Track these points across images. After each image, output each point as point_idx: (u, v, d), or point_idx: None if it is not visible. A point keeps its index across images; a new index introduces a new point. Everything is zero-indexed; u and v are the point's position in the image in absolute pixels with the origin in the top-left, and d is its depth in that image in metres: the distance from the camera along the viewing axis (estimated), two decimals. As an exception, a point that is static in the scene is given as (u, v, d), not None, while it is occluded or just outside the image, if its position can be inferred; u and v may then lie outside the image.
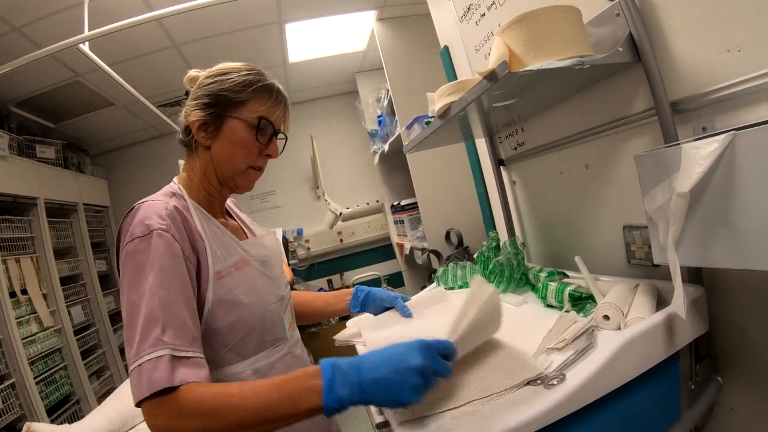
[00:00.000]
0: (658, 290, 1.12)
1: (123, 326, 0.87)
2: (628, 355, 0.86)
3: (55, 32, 2.31)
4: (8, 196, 3.09)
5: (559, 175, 1.57)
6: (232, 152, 1.06)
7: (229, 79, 1.05)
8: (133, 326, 0.84)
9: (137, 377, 0.80)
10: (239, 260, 1.05)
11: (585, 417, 0.82)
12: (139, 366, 0.80)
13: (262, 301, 1.06)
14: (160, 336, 0.82)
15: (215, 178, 1.09)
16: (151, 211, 0.93)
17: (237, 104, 1.05)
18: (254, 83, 1.06)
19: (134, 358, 0.81)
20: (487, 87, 1.03)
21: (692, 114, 1.05)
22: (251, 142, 1.06)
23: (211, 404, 0.78)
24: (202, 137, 1.06)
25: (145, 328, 0.83)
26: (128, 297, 0.87)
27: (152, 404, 0.78)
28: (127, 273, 0.89)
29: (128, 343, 0.84)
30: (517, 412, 0.77)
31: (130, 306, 0.86)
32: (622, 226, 1.32)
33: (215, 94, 1.04)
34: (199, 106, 1.05)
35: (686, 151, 0.86)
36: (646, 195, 0.97)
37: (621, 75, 1.21)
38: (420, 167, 3.05)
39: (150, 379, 0.78)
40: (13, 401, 2.74)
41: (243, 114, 1.05)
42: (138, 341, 0.82)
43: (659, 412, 0.99)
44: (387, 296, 1.43)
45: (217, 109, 1.04)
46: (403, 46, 3.22)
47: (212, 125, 1.05)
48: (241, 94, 1.05)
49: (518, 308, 1.38)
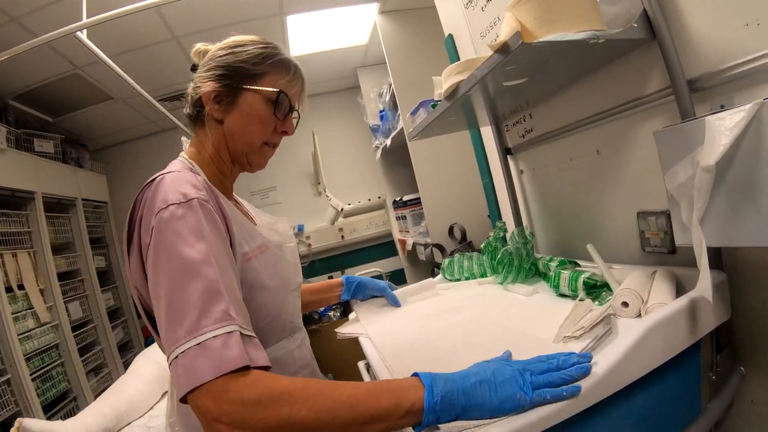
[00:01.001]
0: (676, 277, 1.07)
1: (157, 301, 0.75)
2: (652, 343, 0.81)
3: (54, 23, 2.26)
4: (6, 190, 3.05)
5: (569, 162, 1.52)
6: (247, 126, 1.01)
7: (246, 51, 1.01)
8: (183, 299, 0.72)
9: (196, 356, 0.67)
10: (261, 244, 1.01)
11: (606, 409, 0.77)
12: (199, 344, 0.68)
13: (286, 286, 1.04)
14: (226, 310, 0.72)
15: (227, 154, 1.04)
16: (182, 180, 0.86)
17: (254, 77, 1.00)
18: (272, 56, 1.02)
19: (191, 334, 0.69)
20: (499, 61, 0.98)
21: (710, 92, 1.01)
22: (268, 116, 1.02)
23: (296, 389, 0.67)
24: (215, 109, 1.00)
25: (205, 301, 0.72)
26: (170, 265, 0.75)
27: (216, 389, 0.65)
28: (166, 239, 0.77)
29: (177, 319, 0.71)
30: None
31: (175, 276, 0.74)
32: (636, 212, 1.27)
33: (231, 65, 1.00)
34: (212, 77, 0.99)
35: (710, 123, 0.82)
36: (667, 172, 0.92)
37: (634, 54, 1.16)
38: (423, 161, 3.00)
39: (221, 357, 0.67)
40: (9, 398, 2.70)
41: (260, 86, 1.00)
42: (197, 315, 0.70)
43: (680, 404, 0.94)
44: (376, 285, 1.47)
45: (233, 80, 0.99)
46: (406, 39, 3.18)
47: (227, 97, 1.00)
48: (259, 67, 1.00)
49: (529, 298, 1.33)
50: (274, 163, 3.39)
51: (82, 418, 1.87)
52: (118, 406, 1.97)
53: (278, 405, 0.65)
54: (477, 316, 1.21)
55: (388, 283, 1.52)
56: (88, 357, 3.58)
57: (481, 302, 1.38)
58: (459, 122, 1.74)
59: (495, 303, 1.35)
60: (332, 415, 0.65)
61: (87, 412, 1.94)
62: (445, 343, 1.06)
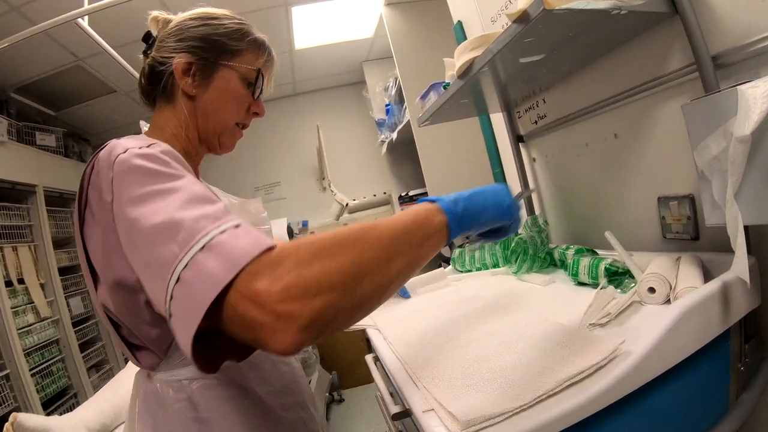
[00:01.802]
0: (702, 262, 1.01)
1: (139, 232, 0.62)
2: (685, 329, 0.76)
3: (55, 13, 2.23)
4: (6, 183, 3.00)
5: (584, 147, 1.47)
6: (223, 104, 0.95)
7: (223, 24, 0.95)
8: (164, 223, 0.59)
9: (214, 254, 0.54)
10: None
11: (635, 402, 0.72)
12: (210, 242, 0.55)
13: None
14: (225, 210, 0.62)
15: (195, 133, 0.96)
16: (143, 138, 0.80)
17: (233, 53, 0.95)
18: (250, 34, 0.98)
19: (200, 234, 0.56)
20: (518, 32, 0.93)
21: (735, 68, 0.96)
22: (244, 95, 0.97)
23: (335, 236, 0.58)
24: (189, 84, 0.92)
25: (200, 207, 0.61)
26: (140, 202, 0.64)
27: (262, 265, 0.52)
28: (129, 179, 0.67)
29: (174, 227, 0.58)
30: (574, 392, 0.67)
31: (147, 208, 0.62)
32: (657, 197, 1.22)
33: (207, 37, 0.93)
34: (187, 48, 0.92)
35: (743, 92, 0.77)
36: (697, 147, 0.86)
37: (654, 31, 1.12)
38: (429, 154, 2.95)
39: (247, 242, 0.54)
40: (7, 393, 2.66)
41: (238, 64, 0.95)
42: (195, 217, 0.59)
43: (708, 396, 0.88)
44: None
45: (210, 54, 0.93)
46: (413, 31, 3.13)
47: (201, 72, 0.93)
48: (238, 43, 0.95)
49: (546, 288, 1.27)
50: (278, 158, 3.39)
51: (79, 414, 1.82)
52: (116, 402, 1.92)
53: (338, 252, 0.56)
54: (493, 305, 1.15)
55: None
56: (89, 353, 3.53)
57: (496, 292, 1.33)
58: (470, 107, 1.69)
59: (511, 292, 1.29)
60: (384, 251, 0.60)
61: (84, 407, 1.89)
62: (461, 333, 1.00)
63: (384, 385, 1.07)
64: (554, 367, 0.71)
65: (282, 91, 4.70)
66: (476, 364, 0.81)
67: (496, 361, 0.80)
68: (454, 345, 0.93)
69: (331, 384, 3.81)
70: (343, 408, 3.76)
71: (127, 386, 2.04)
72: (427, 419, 0.70)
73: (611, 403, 0.67)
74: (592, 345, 0.75)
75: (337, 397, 3.87)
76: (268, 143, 4.68)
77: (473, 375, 0.77)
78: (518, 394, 0.67)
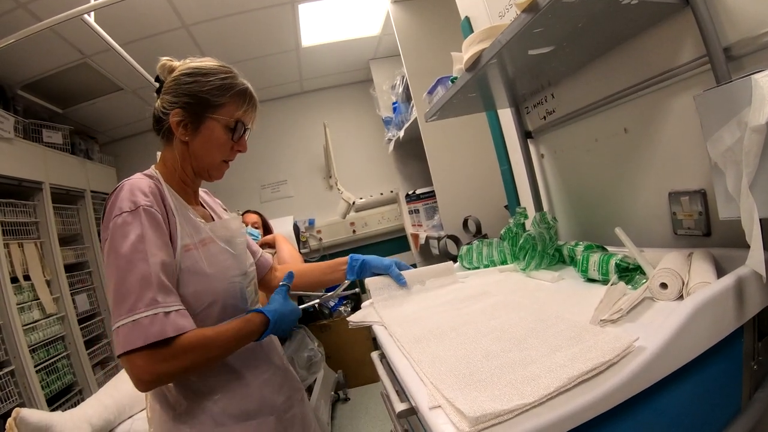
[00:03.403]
0: (714, 258, 0.99)
1: (107, 288, 1.02)
2: (699, 325, 0.74)
3: (61, 8, 2.22)
4: (13, 180, 3.00)
5: (594, 143, 1.45)
6: (209, 150, 1.19)
7: (209, 81, 1.16)
8: (125, 286, 0.97)
9: (130, 330, 0.94)
10: (205, 237, 1.17)
11: (647, 399, 0.70)
12: (134, 321, 0.94)
13: (225, 274, 1.18)
14: (154, 296, 0.97)
15: (191, 169, 1.21)
16: (135, 189, 1.07)
17: (216, 107, 1.17)
18: (232, 87, 1.19)
19: (128, 314, 0.95)
20: (527, 22, 0.91)
21: (747, 60, 0.95)
22: (226, 141, 1.20)
23: (197, 342, 1.00)
24: (181, 134, 1.16)
25: (139, 289, 0.97)
26: (117, 260, 0.99)
27: (143, 355, 0.94)
28: (116, 240, 1.00)
29: (120, 300, 0.96)
30: (586, 389, 0.65)
31: (120, 269, 0.98)
32: (668, 192, 1.20)
33: (196, 95, 1.15)
34: (180, 104, 1.15)
35: (757, 81, 0.75)
36: (710, 138, 0.84)
37: (664, 24, 1.10)
38: (437, 151, 2.92)
39: (147, 332, 0.94)
40: (12, 389, 2.65)
41: (221, 116, 1.17)
42: (134, 300, 0.96)
43: (721, 395, 0.86)
44: (381, 264, 1.48)
45: (198, 109, 1.15)
46: (420, 28, 3.10)
47: (192, 124, 1.16)
48: (220, 98, 1.17)
49: (555, 285, 1.25)
50: (285, 156, 3.37)
51: (82, 410, 1.82)
52: (119, 398, 1.92)
53: (184, 354, 0.98)
54: (503, 302, 1.13)
55: (396, 261, 1.49)
56: (94, 350, 3.53)
57: (504, 288, 1.31)
58: (478, 101, 1.67)
59: (520, 289, 1.27)
60: (219, 352, 1.07)
61: (88, 403, 1.89)
62: (469, 329, 0.97)
63: (390, 383, 1.05)
64: (565, 364, 0.69)
65: (289, 89, 4.70)
66: (485, 360, 0.79)
67: (505, 358, 0.78)
68: (461, 341, 0.91)
69: (337, 383, 3.80)
70: (348, 407, 3.75)
71: (131, 383, 2.04)
72: (434, 417, 0.68)
73: (623, 401, 0.65)
74: (605, 341, 0.73)
75: (342, 396, 3.86)
76: (275, 141, 4.69)
77: (482, 371, 0.75)
78: (528, 391, 0.65)
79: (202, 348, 1.01)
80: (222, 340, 1.05)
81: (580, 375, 0.66)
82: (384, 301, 1.36)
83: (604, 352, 0.70)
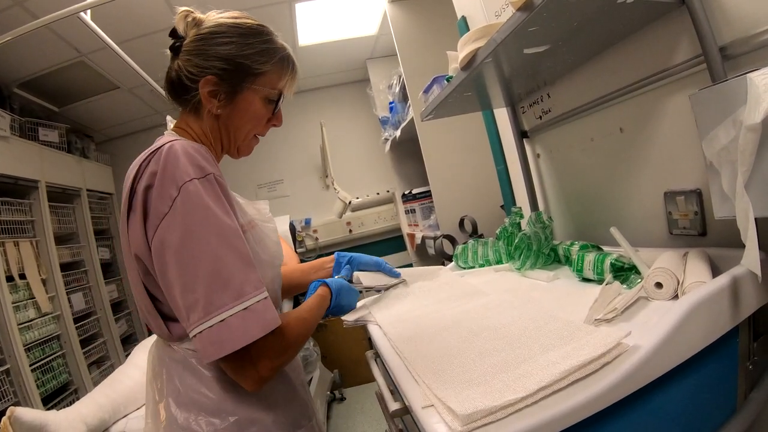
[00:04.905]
0: (710, 257, 0.99)
1: (183, 268, 0.80)
2: (694, 325, 0.74)
3: (57, 6, 2.22)
4: (8, 178, 2.99)
5: (589, 142, 1.45)
6: (244, 123, 1.02)
7: (249, 44, 0.97)
8: (225, 267, 0.81)
9: (243, 319, 0.79)
10: (251, 219, 1.02)
11: (642, 399, 0.70)
12: (246, 309, 0.80)
13: (273, 261, 1.06)
14: (259, 277, 0.84)
15: (218, 141, 1.03)
16: (196, 153, 0.86)
17: (257, 75, 0.98)
18: (275, 53, 1.00)
19: (236, 300, 0.80)
20: (522, 20, 0.91)
21: (742, 59, 0.95)
22: (264, 113, 1.03)
23: (302, 327, 0.93)
24: (214, 106, 0.97)
25: (244, 269, 0.82)
26: (208, 235, 0.81)
27: (261, 346, 0.81)
28: (197, 213, 0.82)
29: (220, 285, 0.80)
30: (580, 388, 0.65)
31: (212, 246, 0.81)
32: (663, 192, 1.20)
33: (233, 60, 0.95)
34: (213, 70, 0.95)
35: (753, 80, 0.75)
36: (706, 137, 0.84)
37: (660, 23, 1.10)
38: (433, 151, 2.93)
39: (264, 320, 0.81)
40: (7, 388, 2.65)
41: (262, 86, 0.99)
42: (240, 283, 0.81)
43: (716, 396, 0.86)
44: (370, 260, 1.42)
45: (236, 76, 0.96)
46: (417, 28, 3.11)
47: (226, 95, 0.97)
48: (263, 66, 0.99)
49: (550, 284, 1.25)
50: (281, 156, 3.37)
51: (77, 409, 1.81)
52: (114, 397, 1.90)
53: (293, 347, 0.89)
54: (496, 301, 1.13)
55: (382, 260, 1.44)
56: (90, 349, 3.51)
57: (499, 287, 1.31)
58: (474, 100, 1.67)
59: (515, 288, 1.27)
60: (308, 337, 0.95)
61: (83, 402, 1.87)
62: (462, 328, 0.97)
63: (384, 382, 1.05)
64: (558, 362, 0.69)
65: (285, 88, 4.65)
66: (478, 359, 0.79)
67: (498, 357, 0.78)
68: (455, 340, 0.91)
69: (333, 382, 3.79)
70: (344, 407, 3.74)
71: (127, 382, 2.04)
72: (427, 416, 0.68)
73: (618, 400, 0.65)
74: (596, 339, 0.73)
75: (338, 396, 3.86)
76: (271, 140, 4.65)
77: (474, 370, 0.75)
78: (521, 388, 0.65)
79: (305, 334, 0.93)
80: (312, 322, 0.98)
81: (571, 369, 0.66)
82: (378, 300, 1.35)
83: (596, 347, 0.70)
